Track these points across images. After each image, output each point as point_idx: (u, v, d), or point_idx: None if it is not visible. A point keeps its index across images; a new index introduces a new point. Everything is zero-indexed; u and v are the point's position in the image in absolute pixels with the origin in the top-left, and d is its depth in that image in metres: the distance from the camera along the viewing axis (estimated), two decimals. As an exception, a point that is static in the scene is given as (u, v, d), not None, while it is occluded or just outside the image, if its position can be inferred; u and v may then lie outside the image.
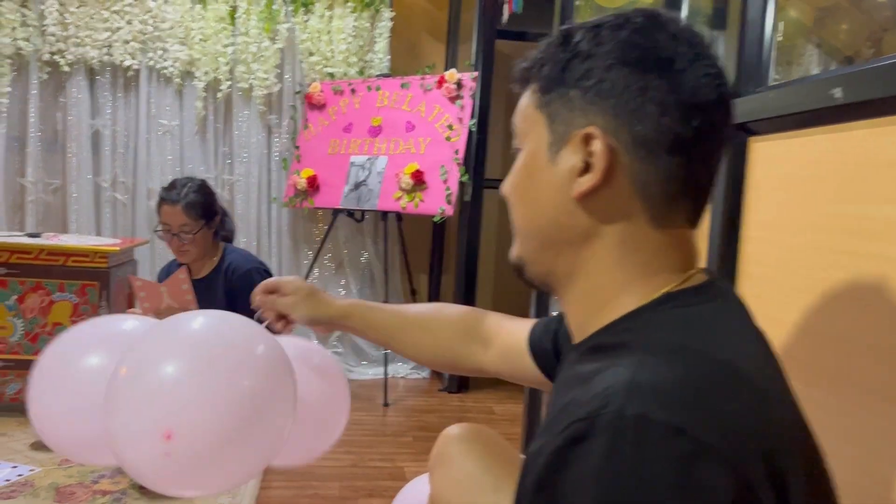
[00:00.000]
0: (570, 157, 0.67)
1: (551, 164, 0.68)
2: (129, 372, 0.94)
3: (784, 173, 1.18)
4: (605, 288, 0.68)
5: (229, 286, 2.25)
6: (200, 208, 2.21)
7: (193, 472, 0.91)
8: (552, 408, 0.76)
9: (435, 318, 1.15)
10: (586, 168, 0.66)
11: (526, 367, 1.05)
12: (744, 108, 1.27)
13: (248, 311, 2.16)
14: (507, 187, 0.75)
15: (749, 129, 1.27)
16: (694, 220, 0.69)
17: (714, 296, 0.66)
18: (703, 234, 1.40)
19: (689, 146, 0.64)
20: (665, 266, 0.67)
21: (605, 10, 3.40)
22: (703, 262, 1.35)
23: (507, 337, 1.09)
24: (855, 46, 1.74)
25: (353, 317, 1.17)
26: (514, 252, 0.76)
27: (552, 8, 2.39)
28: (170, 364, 0.94)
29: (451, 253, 4.31)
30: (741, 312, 0.68)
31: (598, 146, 0.64)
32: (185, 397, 0.91)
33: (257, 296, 1.22)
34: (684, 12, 1.68)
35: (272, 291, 1.22)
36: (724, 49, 1.35)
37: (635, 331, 0.63)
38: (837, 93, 1.02)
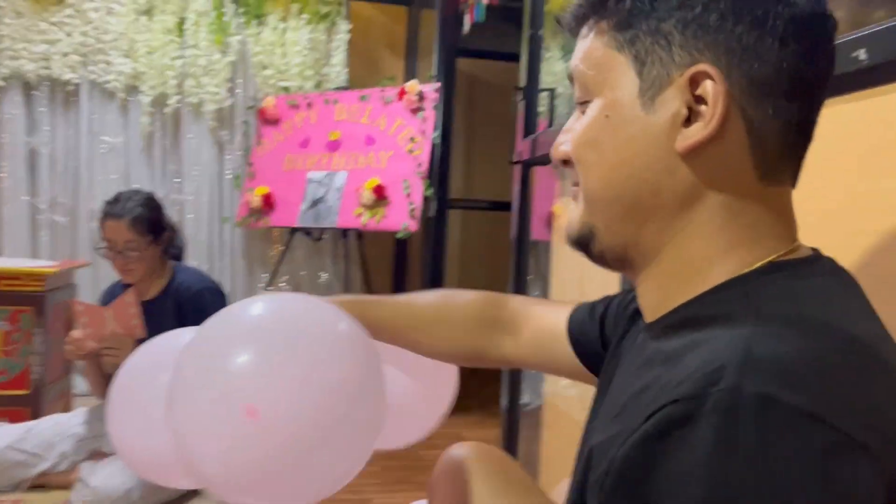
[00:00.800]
0: (672, 103, 0.55)
1: (645, 114, 0.56)
2: (192, 361, 0.84)
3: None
4: (698, 258, 0.57)
5: (179, 308, 2.05)
6: (147, 223, 2.03)
7: (284, 458, 0.77)
8: (617, 394, 0.63)
9: (448, 306, 1.00)
10: (689, 117, 0.55)
11: (562, 355, 0.92)
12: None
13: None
14: (575, 144, 0.61)
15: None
16: (796, 177, 0.59)
17: (828, 271, 0.57)
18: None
19: (810, 88, 0.56)
20: (771, 232, 0.57)
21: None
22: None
23: (539, 322, 0.96)
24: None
25: (353, 314, 1.01)
26: (579, 220, 0.62)
27: (512, 27, 2.29)
28: (244, 347, 0.82)
29: (414, 273, 4.17)
30: (858, 292, 0.57)
31: (710, 88, 0.53)
32: (268, 377, 0.79)
33: None
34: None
35: None
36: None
37: (739, 301, 0.52)
38: (861, 54, 0.91)
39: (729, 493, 0.40)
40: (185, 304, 2.04)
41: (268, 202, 3.59)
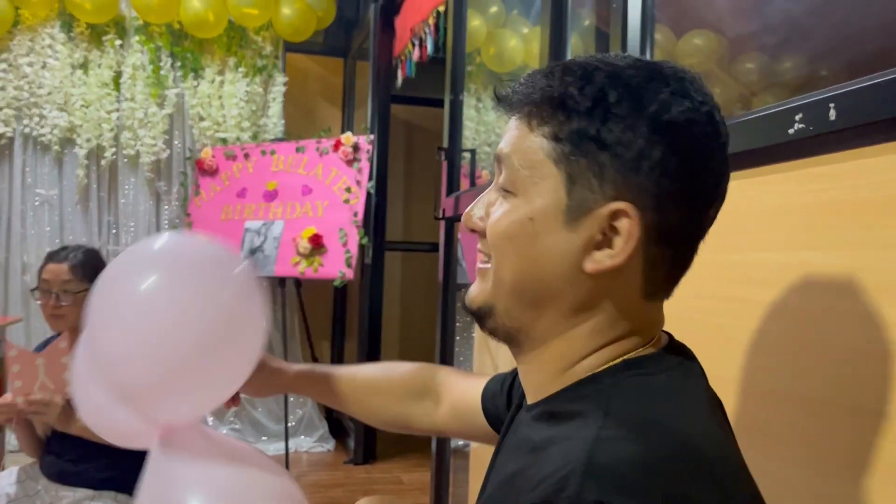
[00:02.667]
0: (590, 229, 0.60)
1: (566, 231, 0.61)
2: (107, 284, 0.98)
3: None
4: (574, 355, 0.65)
5: None
6: (89, 269, 2.04)
7: (180, 361, 0.93)
8: (496, 471, 0.73)
9: (386, 378, 1.10)
10: (601, 241, 0.61)
11: (478, 425, 1.01)
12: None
13: None
14: (497, 233, 0.65)
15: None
16: (671, 292, 0.68)
17: (674, 365, 0.65)
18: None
19: (699, 236, 0.65)
20: (635, 334, 0.65)
21: (497, 76, 3.52)
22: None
23: (461, 394, 1.05)
24: (727, 109, 1.85)
25: (303, 387, 1.12)
26: (482, 297, 0.68)
27: (444, 74, 2.43)
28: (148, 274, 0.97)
29: (353, 317, 4.23)
30: (699, 383, 0.66)
31: (626, 225, 0.59)
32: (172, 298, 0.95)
33: None
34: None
35: None
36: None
37: (592, 398, 0.60)
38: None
39: None
40: None
41: (205, 252, 3.62)
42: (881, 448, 0.75)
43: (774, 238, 0.94)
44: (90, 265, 2.03)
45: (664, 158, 0.58)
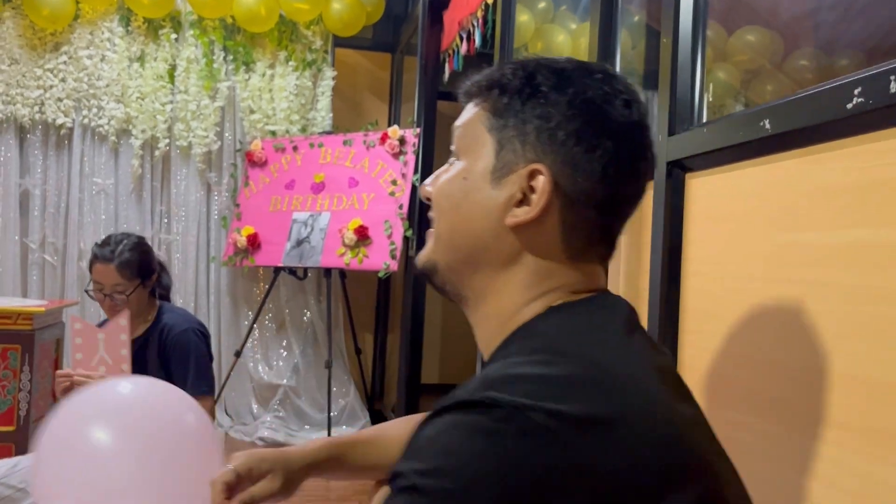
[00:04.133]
0: (511, 187, 0.70)
1: (490, 188, 0.71)
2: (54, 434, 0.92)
3: (721, 207, 1.18)
4: (511, 308, 0.72)
5: (163, 347, 2.12)
6: (136, 267, 2.08)
7: None
8: None
9: (395, 431, 1.05)
10: (522, 200, 0.70)
11: None
12: (679, 146, 1.29)
13: (177, 373, 2.07)
14: (436, 191, 0.76)
15: (685, 166, 1.29)
16: (605, 260, 0.75)
17: (597, 305, 0.71)
18: (643, 272, 1.39)
19: (617, 207, 0.72)
20: (566, 289, 0.72)
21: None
22: (643, 301, 1.34)
23: None
24: (790, 95, 1.83)
25: (333, 457, 1.02)
26: (427, 255, 0.77)
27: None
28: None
29: (396, 310, 4.25)
30: (622, 319, 0.70)
31: (541, 184, 0.69)
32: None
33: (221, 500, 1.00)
34: (617, 62, 1.72)
35: (236, 483, 0.96)
36: (658, 90, 1.38)
37: (518, 341, 0.68)
38: (766, 124, 1.04)
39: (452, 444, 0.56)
40: (168, 344, 2.11)
41: (253, 242, 3.69)
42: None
43: (830, 217, 0.92)
44: (136, 261, 2.07)
45: (580, 130, 0.69)
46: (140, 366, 2.07)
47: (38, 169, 3.72)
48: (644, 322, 1.32)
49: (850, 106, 0.88)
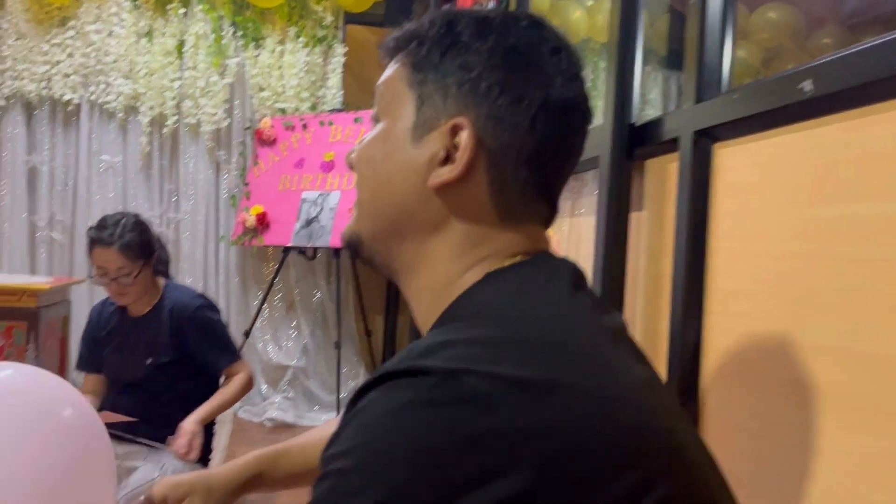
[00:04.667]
0: (433, 145, 0.64)
1: (411, 147, 0.65)
2: None
3: (753, 178, 1.11)
4: (445, 278, 0.66)
5: (176, 327, 2.07)
6: (138, 248, 2.01)
7: None
8: None
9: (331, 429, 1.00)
10: (446, 159, 0.64)
11: None
12: (706, 114, 1.21)
13: (201, 351, 2.02)
14: (357, 156, 0.70)
15: (712, 135, 1.21)
16: (546, 221, 0.69)
17: (533, 269, 0.64)
18: (668, 250, 1.32)
19: (550, 160, 0.66)
20: (503, 254, 0.66)
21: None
22: (665, 281, 1.27)
23: None
24: (836, 52, 1.74)
25: (264, 470, 0.96)
26: (351, 227, 0.71)
27: None
28: None
29: (407, 292, 4.20)
30: (565, 281, 0.64)
31: (464, 139, 0.63)
32: None
33: None
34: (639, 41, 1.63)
35: None
36: (684, 55, 1.30)
37: (453, 312, 0.63)
38: (807, 86, 0.96)
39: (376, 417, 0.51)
40: (185, 323, 2.05)
41: (263, 221, 3.64)
42: None
43: (881, 186, 0.84)
44: (137, 241, 1.99)
45: (503, 80, 0.63)
46: (149, 341, 2.03)
47: (46, 146, 3.68)
48: (667, 304, 1.25)
49: (904, 62, 0.80)
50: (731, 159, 1.18)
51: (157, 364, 2.02)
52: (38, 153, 3.67)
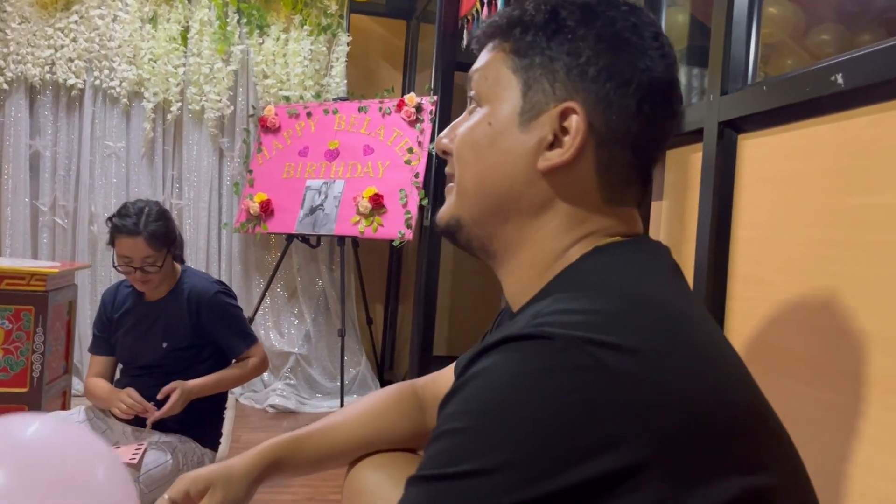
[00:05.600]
0: (542, 129, 0.66)
1: (519, 132, 0.67)
2: None
3: (778, 169, 1.14)
4: (548, 256, 0.68)
5: (195, 312, 2.08)
6: (164, 237, 1.99)
7: None
8: None
9: (372, 422, 0.98)
10: (553, 142, 0.66)
11: None
12: (732, 106, 1.24)
13: (219, 336, 2.04)
14: (460, 142, 0.71)
15: (738, 127, 1.24)
16: (640, 202, 0.71)
17: (639, 249, 0.67)
18: (689, 239, 1.35)
19: (651, 143, 0.68)
20: (606, 233, 0.68)
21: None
22: (687, 268, 1.30)
23: (441, 387, 0.97)
24: (867, 46, 1.78)
25: (283, 456, 0.95)
26: (450, 211, 0.72)
27: None
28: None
29: (408, 281, 4.22)
30: (663, 263, 0.68)
31: (575, 123, 0.64)
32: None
33: None
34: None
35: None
36: (710, 48, 1.32)
37: (562, 281, 0.65)
38: (839, 79, 0.99)
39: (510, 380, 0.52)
40: (204, 308, 2.06)
41: (266, 209, 3.64)
42: None
43: (909, 176, 0.87)
44: (163, 231, 1.99)
45: (610, 65, 0.65)
46: (167, 324, 2.04)
47: (49, 130, 3.66)
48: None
49: (937, 57, 0.83)
50: (756, 150, 1.20)
51: (173, 348, 2.03)
52: (42, 138, 3.66)
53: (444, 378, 0.99)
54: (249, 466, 0.92)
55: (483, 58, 0.71)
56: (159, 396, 1.92)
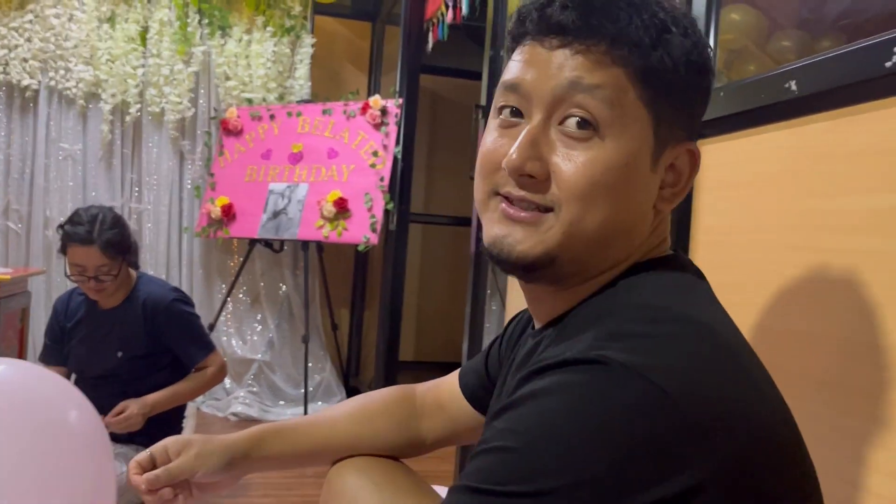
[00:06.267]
0: (663, 168, 0.65)
1: (650, 172, 0.63)
2: None
3: (737, 174, 1.14)
4: (599, 268, 0.66)
5: (150, 320, 2.02)
6: (119, 245, 1.93)
7: None
8: (508, 383, 0.72)
9: (366, 419, 0.96)
10: (666, 179, 0.66)
11: (464, 414, 0.95)
12: (691, 111, 1.23)
13: (176, 345, 1.99)
14: (589, 182, 0.60)
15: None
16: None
17: (678, 266, 0.67)
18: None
19: None
20: (647, 243, 0.67)
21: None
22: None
23: (442, 394, 0.99)
24: (820, 53, 1.80)
25: (266, 441, 0.93)
26: (542, 247, 0.63)
27: (474, 46, 2.36)
28: None
29: (373, 286, 4.19)
30: (701, 283, 0.68)
31: (688, 163, 0.65)
32: None
33: (138, 481, 0.89)
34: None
35: (151, 467, 0.89)
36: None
37: (608, 301, 0.63)
38: (793, 86, 0.99)
39: (568, 405, 0.51)
40: (158, 318, 2.00)
41: (228, 213, 3.58)
42: None
43: (861, 181, 0.88)
44: (117, 239, 1.92)
45: (704, 94, 0.66)
46: (123, 333, 1.99)
47: (2, 132, 3.56)
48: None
49: (889, 64, 0.83)
50: (715, 155, 1.21)
51: (128, 357, 1.98)
52: (-6, 140, 3.56)
53: (446, 385, 0.98)
54: (230, 441, 0.90)
55: (591, 71, 0.60)
56: (110, 419, 1.85)
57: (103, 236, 1.88)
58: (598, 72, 0.60)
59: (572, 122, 0.61)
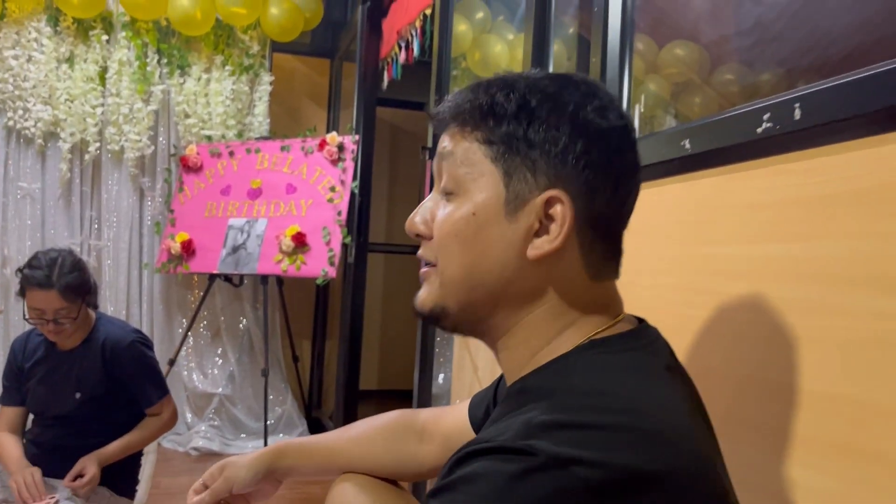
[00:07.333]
0: (527, 218, 0.67)
1: (506, 221, 0.68)
2: None
3: (641, 222, 1.24)
4: (541, 337, 0.70)
5: (109, 362, 2.04)
6: (78, 289, 1.94)
7: None
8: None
9: (367, 440, 1.05)
10: (539, 230, 0.67)
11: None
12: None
13: (140, 384, 2.03)
14: (443, 232, 0.71)
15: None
16: (618, 272, 0.73)
17: (639, 344, 0.69)
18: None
19: (625, 218, 0.72)
20: (596, 314, 0.70)
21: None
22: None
23: (448, 423, 1.04)
24: (707, 117, 1.91)
25: (287, 455, 1.05)
26: (434, 299, 0.73)
27: (430, 78, 2.47)
28: None
29: (334, 317, 4.24)
30: (660, 362, 0.69)
31: (560, 211, 0.66)
32: None
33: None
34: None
35: (202, 490, 1.03)
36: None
37: (558, 375, 0.65)
38: (687, 144, 1.10)
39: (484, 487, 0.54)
40: (116, 360, 2.02)
41: (188, 248, 3.62)
42: (848, 431, 0.80)
43: (745, 232, 0.98)
44: (77, 283, 1.94)
45: (586, 150, 0.66)
46: (82, 374, 2.01)
47: (-41, 172, 3.57)
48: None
49: (759, 130, 0.94)
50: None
51: (86, 398, 2.01)
52: (-49, 179, 3.56)
53: (451, 417, 1.02)
54: (255, 457, 1.03)
55: (451, 143, 0.71)
56: (67, 480, 1.89)
57: (62, 280, 1.90)
58: (454, 143, 0.71)
59: (444, 186, 0.72)
